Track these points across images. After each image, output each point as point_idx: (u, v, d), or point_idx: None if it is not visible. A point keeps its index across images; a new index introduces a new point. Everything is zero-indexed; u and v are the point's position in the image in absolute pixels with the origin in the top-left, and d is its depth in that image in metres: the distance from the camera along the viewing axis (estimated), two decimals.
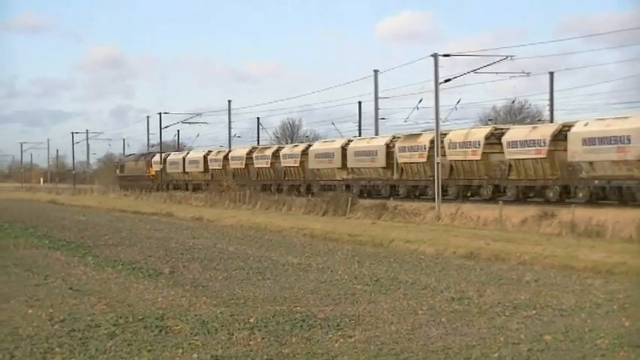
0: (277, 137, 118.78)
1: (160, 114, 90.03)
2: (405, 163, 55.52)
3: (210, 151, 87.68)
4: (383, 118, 76.65)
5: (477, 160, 49.61)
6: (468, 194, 50.49)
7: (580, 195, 42.96)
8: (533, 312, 14.34)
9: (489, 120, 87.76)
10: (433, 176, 46.27)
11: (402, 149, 55.67)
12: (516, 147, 46.58)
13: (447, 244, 26.31)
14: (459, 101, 70.29)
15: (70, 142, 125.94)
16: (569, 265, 21.12)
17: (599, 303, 15.35)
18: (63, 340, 12.01)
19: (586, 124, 42.87)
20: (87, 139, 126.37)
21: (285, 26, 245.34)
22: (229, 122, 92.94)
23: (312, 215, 43.52)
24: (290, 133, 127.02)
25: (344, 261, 22.65)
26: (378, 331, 12.72)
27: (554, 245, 25.10)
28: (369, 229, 33.32)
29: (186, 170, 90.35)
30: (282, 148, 74.94)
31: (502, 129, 50.71)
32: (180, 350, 11.29)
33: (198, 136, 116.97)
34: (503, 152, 47.63)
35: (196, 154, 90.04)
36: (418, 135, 56.80)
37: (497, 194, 47.46)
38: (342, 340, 12.03)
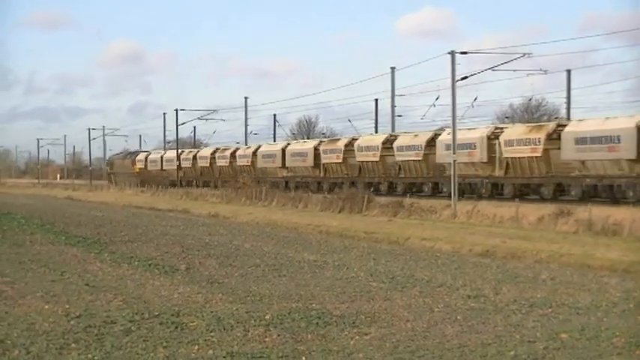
0: (294, 134, 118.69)
1: (177, 110, 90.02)
2: (326, 163, 67.93)
3: (190, 151, 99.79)
4: (399, 116, 76.78)
5: (376, 162, 61.40)
6: (372, 188, 58.23)
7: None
8: (550, 310, 14.31)
9: (506, 118, 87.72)
10: (348, 174, 64.07)
11: (325, 151, 68.23)
12: (402, 151, 58.21)
13: (463, 242, 26.28)
14: (475, 99, 70.30)
15: (86, 139, 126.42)
16: (586, 264, 21.07)
17: (616, 302, 15.30)
18: (79, 335, 12.05)
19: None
20: (103, 135, 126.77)
21: (305, 23, 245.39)
22: (245, 119, 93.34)
23: (328, 212, 43.50)
24: (306, 130, 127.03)
25: (360, 258, 22.64)
26: (394, 328, 12.71)
27: (570, 243, 25.05)
28: (385, 227, 33.30)
29: (164, 168, 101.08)
30: (238, 149, 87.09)
31: (395, 135, 62.96)
32: (196, 347, 11.31)
33: (214, 132, 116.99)
34: (394, 155, 59.08)
35: (171, 153, 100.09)
36: (337, 140, 70.58)
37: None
38: (357, 337, 12.04)
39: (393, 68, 74.74)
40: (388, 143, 60.16)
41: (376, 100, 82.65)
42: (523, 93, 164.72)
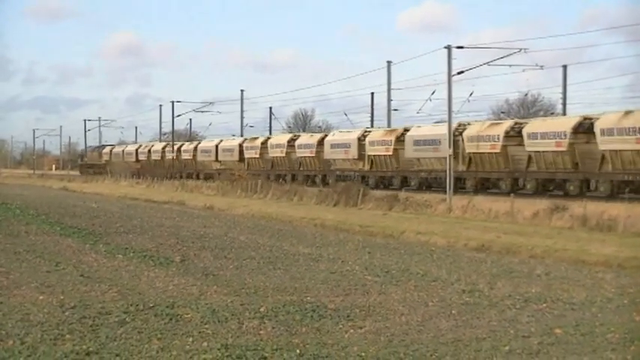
0: (290, 127, 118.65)
1: (173, 102, 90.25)
2: (249, 157, 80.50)
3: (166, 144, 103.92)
4: (396, 110, 76.94)
5: (312, 157, 70.37)
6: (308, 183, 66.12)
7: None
8: (544, 305, 14.32)
9: (502, 113, 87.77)
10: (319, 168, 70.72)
11: (247, 148, 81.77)
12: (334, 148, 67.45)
13: (458, 237, 26.29)
14: (471, 94, 70.61)
15: (83, 130, 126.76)
16: (581, 259, 21.08)
17: (610, 297, 15.32)
18: (73, 326, 12.04)
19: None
20: (99, 126, 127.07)
21: (306, 17, 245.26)
22: (241, 111, 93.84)
23: (323, 205, 43.52)
24: (302, 123, 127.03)
25: (355, 252, 22.64)
26: (389, 322, 12.72)
27: (565, 239, 25.08)
28: (380, 220, 33.32)
29: (126, 160, 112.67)
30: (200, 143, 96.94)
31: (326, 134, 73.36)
32: (191, 339, 11.31)
33: (210, 125, 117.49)
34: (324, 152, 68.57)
35: (132, 147, 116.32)
36: (256, 138, 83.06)
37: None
38: (352, 330, 12.05)
39: (389, 62, 74.99)
40: (322, 142, 69.63)
41: (372, 93, 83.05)
42: (521, 88, 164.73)
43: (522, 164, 49.94)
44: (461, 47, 43.16)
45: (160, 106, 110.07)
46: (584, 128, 45.86)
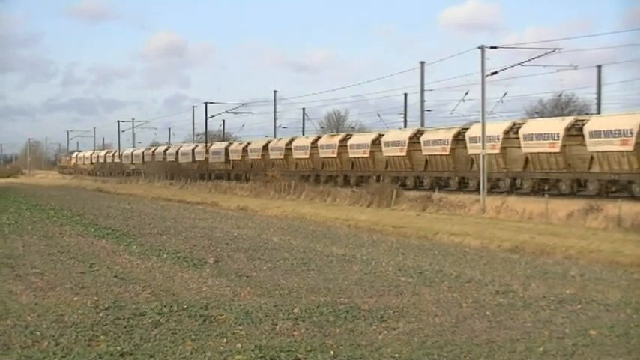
0: (322, 128, 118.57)
1: (206, 104, 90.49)
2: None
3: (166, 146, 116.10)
4: (429, 110, 76.58)
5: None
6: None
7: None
8: (579, 306, 14.23)
9: (536, 113, 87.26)
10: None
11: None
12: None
13: (491, 237, 26.20)
14: (505, 94, 70.15)
15: (117, 131, 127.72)
16: (615, 260, 20.95)
17: None
18: (108, 327, 12.10)
19: None
20: (132, 127, 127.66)
21: (346, 16, 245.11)
22: (274, 112, 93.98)
23: (356, 206, 43.48)
24: (336, 124, 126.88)
25: (388, 253, 22.61)
26: (422, 323, 12.69)
27: (599, 239, 24.93)
28: (414, 221, 33.26)
29: (123, 162, 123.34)
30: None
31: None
32: (224, 340, 11.33)
33: (243, 126, 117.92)
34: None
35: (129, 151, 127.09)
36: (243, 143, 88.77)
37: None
38: (385, 331, 12.02)
39: (422, 62, 74.63)
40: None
41: (405, 94, 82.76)
42: (559, 88, 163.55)
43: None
44: (494, 47, 42.90)
45: (194, 107, 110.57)
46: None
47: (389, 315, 13.29)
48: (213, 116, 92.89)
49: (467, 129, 55.30)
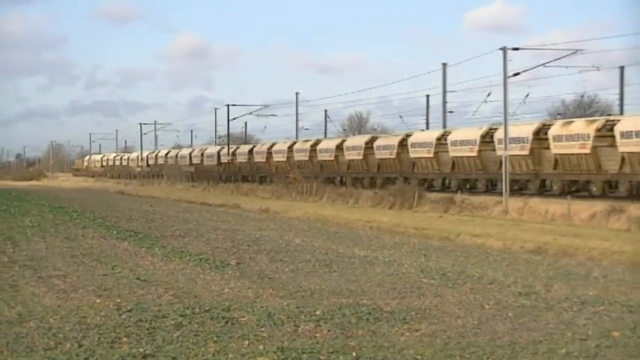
0: (344, 130, 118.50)
1: (228, 106, 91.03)
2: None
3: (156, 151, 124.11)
4: (451, 112, 76.30)
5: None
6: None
7: None
8: (602, 308, 14.16)
9: (558, 114, 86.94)
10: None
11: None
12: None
13: (514, 239, 26.13)
14: (527, 95, 69.80)
15: (139, 133, 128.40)
16: (638, 262, 20.83)
17: None
18: (130, 329, 12.12)
19: None
20: (155, 130, 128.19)
21: (370, 18, 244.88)
22: (296, 114, 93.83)
23: (379, 208, 43.47)
24: (357, 125, 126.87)
25: (410, 254, 22.58)
26: (445, 325, 12.66)
27: (622, 241, 24.81)
28: (436, 223, 33.23)
29: (130, 165, 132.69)
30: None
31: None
32: (247, 342, 11.33)
33: (265, 128, 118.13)
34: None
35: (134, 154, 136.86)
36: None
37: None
38: (408, 333, 12.01)
39: (444, 64, 74.35)
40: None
41: (427, 96, 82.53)
42: (582, 89, 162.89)
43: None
44: (516, 49, 42.78)
45: (216, 109, 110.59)
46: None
47: (411, 317, 13.26)
48: (235, 118, 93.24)
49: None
